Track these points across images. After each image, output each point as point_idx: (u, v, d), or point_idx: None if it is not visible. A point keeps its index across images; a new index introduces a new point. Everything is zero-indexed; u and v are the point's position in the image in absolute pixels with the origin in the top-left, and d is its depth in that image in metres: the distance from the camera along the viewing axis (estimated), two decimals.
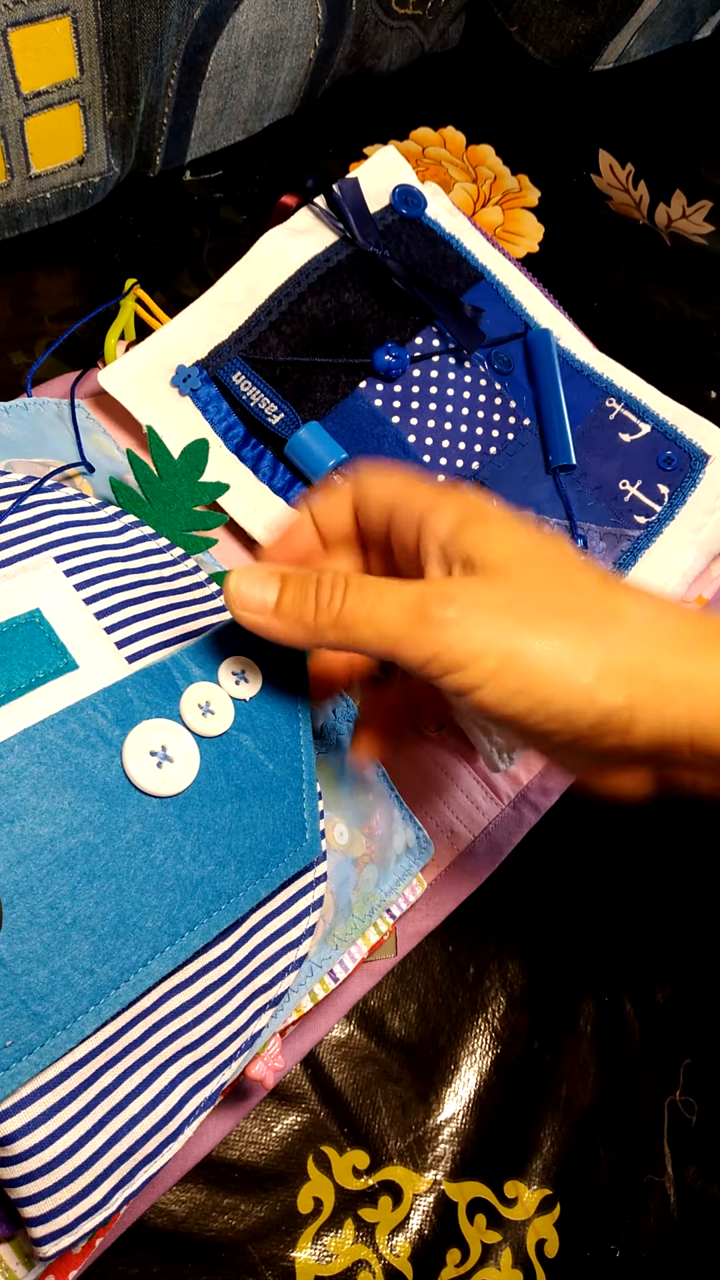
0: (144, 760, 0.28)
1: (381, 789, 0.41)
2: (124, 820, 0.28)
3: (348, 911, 0.38)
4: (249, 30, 0.51)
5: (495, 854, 0.44)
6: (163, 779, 0.29)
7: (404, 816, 0.41)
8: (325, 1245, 0.38)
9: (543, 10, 0.67)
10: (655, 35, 0.71)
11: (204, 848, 0.29)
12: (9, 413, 0.40)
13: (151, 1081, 0.29)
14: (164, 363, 0.45)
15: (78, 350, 0.49)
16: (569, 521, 0.45)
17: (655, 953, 0.46)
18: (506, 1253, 0.40)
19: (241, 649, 0.31)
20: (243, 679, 0.31)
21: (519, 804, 0.45)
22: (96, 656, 0.31)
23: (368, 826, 0.39)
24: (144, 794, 0.29)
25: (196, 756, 0.29)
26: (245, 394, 0.44)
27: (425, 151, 0.65)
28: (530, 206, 0.64)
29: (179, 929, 0.29)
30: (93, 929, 0.27)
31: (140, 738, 0.29)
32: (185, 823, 0.29)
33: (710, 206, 0.68)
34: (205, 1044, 0.30)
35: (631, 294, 0.63)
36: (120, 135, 0.50)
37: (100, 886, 0.27)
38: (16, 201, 0.48)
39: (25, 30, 0.41)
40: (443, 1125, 0.41)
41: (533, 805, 0.45)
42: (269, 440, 0.44)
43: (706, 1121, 0.44)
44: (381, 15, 0.59)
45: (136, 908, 0.28)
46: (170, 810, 0.29)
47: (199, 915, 0.29)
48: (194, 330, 0.45)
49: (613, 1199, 0.42)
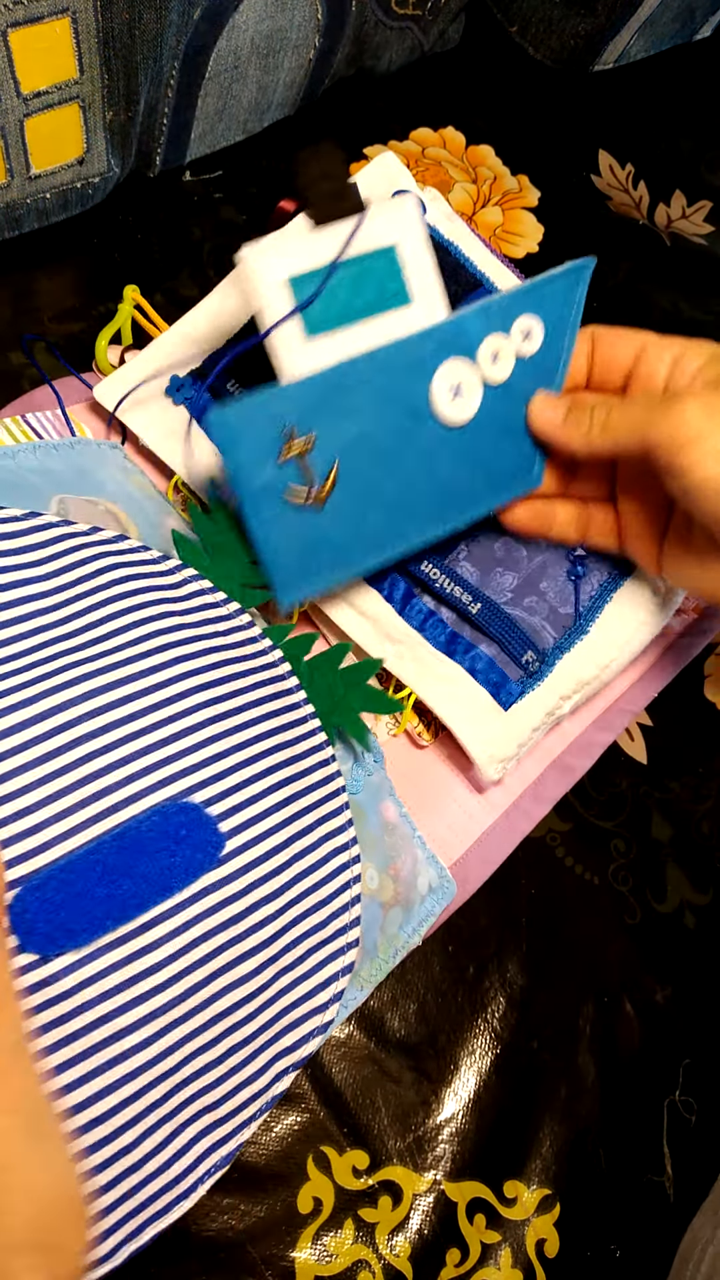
0: (444, 392, 0.37)
1: (406, 830, 0.41)
2: (420, 433, 0.37)
3: (374, 953, 0.38)
4: (249, 30, 0.51)
5: (488, 864, 0.44)
6: (454, 408, 0.37)
7: (427, 857, 0.41)
8: (325, 1245, 0.38)
9: (543, 10, 0.67)
10: (655, 35, 0.71)
11: (468, 466, 0.38)
12: (57, 450, 0.40)
13: (170, 1141, 0.29)
14: (159, 374, 0.45)
15: (77, 351, 0.50)
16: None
17: (655, 953, 0.46)
18: (506, 1252, 0.40)
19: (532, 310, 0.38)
20: (527, 338, 0.38)
21: (512, 813, 0.45)
22: (426, 296, 0.38)
23: (394, 868, 0.39)
24: (437, 418, 0.37)
25: (480, 397, 0.38)
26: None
27: (425, 152, 0.65)
28: (530, 207, 0.64)
29: (439, 519, 0.39)
30: (384, 504, 0.37)
31: (445, 372, 0.37)
32: (460, 445, 0.38)
33: (710, 207, 0.68)
34: (226, 1104, 0.31)
35: (631, 294, 0.63)
36: (120, 135, 0.50)
37: (395, 475, 0.37)
38: (16, 202, 0.48)
39: (25, 30, 0.41)
40: (442, 1125, 0.41)
41: (526, 814, 0.45)
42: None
43: (706, 1121, 0.44)
44: (381, 15, 0.59)
45: (415, 498, 0.38)
46: (452, 434, 0.38)
47: (453, 514, 0.39)
48: (188, 341, 0.45)
49: (613, 1199, 0.42)
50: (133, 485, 0.41)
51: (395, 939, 0.39)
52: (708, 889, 0.48)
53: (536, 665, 0.43)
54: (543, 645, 0.44)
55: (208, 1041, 0.30)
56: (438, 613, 0.43)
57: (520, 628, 0.43)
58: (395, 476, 0.37)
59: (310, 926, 0.33)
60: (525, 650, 0.43)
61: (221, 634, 0.36)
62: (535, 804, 0.46)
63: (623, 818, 0.48)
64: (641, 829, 0.48)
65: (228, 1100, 0.31)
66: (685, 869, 0.48)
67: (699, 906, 0.48)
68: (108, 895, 0.29)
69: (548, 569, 0.44)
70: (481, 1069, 0.42)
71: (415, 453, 0.37)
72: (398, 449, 0.37)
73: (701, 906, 0.48)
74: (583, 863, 0.47)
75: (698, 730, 0.51)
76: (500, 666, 0.43)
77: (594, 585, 0.45)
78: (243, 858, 0.32)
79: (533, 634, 0.43)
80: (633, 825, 0.48)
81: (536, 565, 0.44)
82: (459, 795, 0.44)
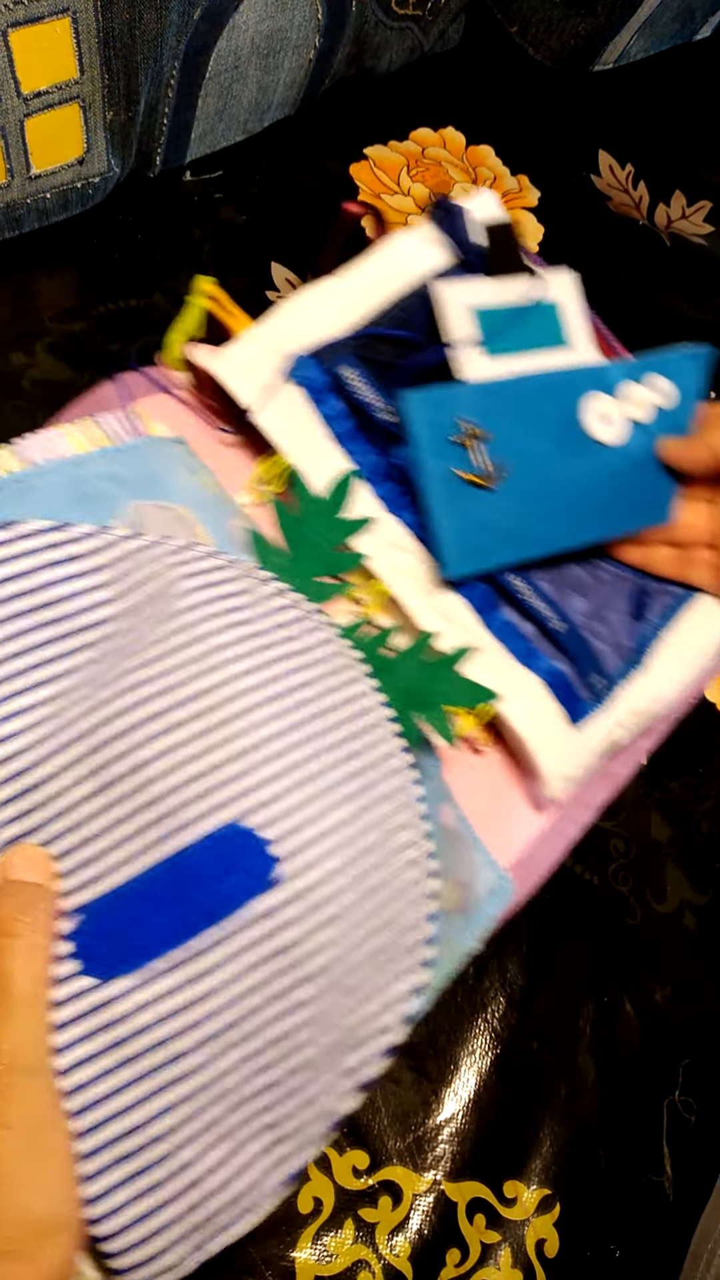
0: (596, 416, 0.44)
1: (465, 835, 0.40)
2: (576, 448, 0.43)
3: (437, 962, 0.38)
4: (249, 31, 0.51)
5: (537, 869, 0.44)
6: (603, 432, 0.43)
7: (484, 861, 0.40)
8: (325, 1245, 0.38)
9: (542, 11, 0.67)
10: (655, 35, 0.71)
11: (614, 488, 0.44)
12: (125, 454, 0.40)
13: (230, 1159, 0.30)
14: (277, 350, 0.44)
15: (78, 351, 0.50)
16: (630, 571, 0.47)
17: (655, 953, 0.46)
18: (506, 1252, 0.40)
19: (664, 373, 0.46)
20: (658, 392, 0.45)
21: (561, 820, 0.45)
22: (580, 345, 0.46)
23: (456, 874, 0.39)
24: (590, 438, 0.43)
25: (624, 429, 0.44)
26: (354, 388, 0.44)
27: (425, 152, 0.65)
28: (530, 207, 0.64)
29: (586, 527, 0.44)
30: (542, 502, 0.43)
31: (597, 402, 0.44)
32: (609, 468, 0.44)
33: (710, 207, 0.68)
34: (288, 1123, 0.31)
35: (632, 294, 0.63)
36: (120, 135, 0.50)
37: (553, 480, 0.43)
38: (16, 201, 0.48)
39: (25, 30, 0.41)
40: (442, 1125, 0.41)
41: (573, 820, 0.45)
42: (375, 440, 0.44)
43: (705, 1121, 0.44)
44: (381, 16, 0.59)
45: (568, 504, 0.43)
46: (603, 457, 0.44)
47: (598, 526, 0.44)
48: (310, 324, 0.45)
49: (613, 1199, 0.42)
50: (199, 485, 0.41)
51: (456, 946, 0.38)
52: (707, 889, 0.48)
53: (604, 689, 0.44)
54: (609, 671, 0.44)
55: (266, 1064, 0.30)
56: (518, 626, 0.44)
57: (592, 650, 0.44)
58: (553, 481, 0.43)
59: (377, 947, 0.33)
60: (593, 673, 0.44)
61: (292, 638, 0.35)
62: (583, 810, 0.46)
63: (622, 817, 0.48)
64: (641, 829, 0.48)
65: (290, 1120, 0.31)
66: (685, 869, 0.48)
67: (699, 906, 0.48)
68: (162, 921, 0.29)
69: (614, 600, 0.45)
70: (481, 1069, 0.42)
71: (570, 464, 0.44)
72: (556, 457, 0.43)
73: (701, 906, 0.48)
74: (582, 863, 0.47)
75: (698, 730, 0.51)
76: (574, 685, 0.43)
77: (653, 623, 0.45)
78: (301, 881, 0.31)
79: (601, 659, 0.44)
80: (632, 825, 0.48)
81: (605, 595, 0.45)
82: (513, 801, 0.44)
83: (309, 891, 0.31)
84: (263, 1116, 0.30)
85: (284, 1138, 0.31)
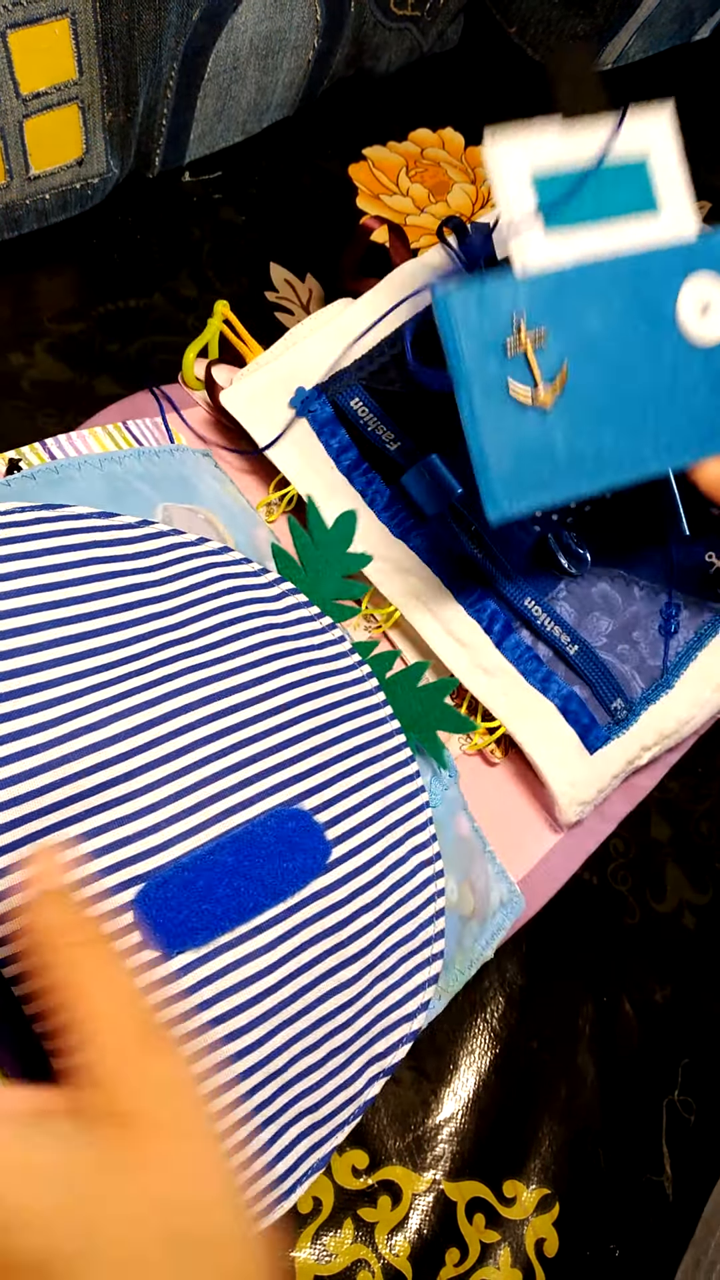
0: (692, 306, 0.35)
1: (478, 845, 0.41)
2: (663, 347, 0.35)
3: (451, 965, 0.38)
4: (248, 32, 0.51)
5: (554, 880, 0.44)
6: (702, 325, 0.35)
7: (497, 872, 0.41)
8: (324, 1245, 0.38)
9: (542, 11, 0.67)
10: (654, 36, 0.71)
11: (713, 394, 0.35)
12: (159, 457, 0.41)
13: (274, 1141, 0.30)
14: (285, 384, 0.44)
15: (78, 352, 0.50)
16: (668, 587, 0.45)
17: (655, 953, 0.46)
18: (505, 1252, 0.40)
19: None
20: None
21: (578, 831, 0.45)
22: (675, 206, 0.37)
23: (468, 881, 0.39)
24: (683, 334, 0.35)
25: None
26: (363, 420, 0.44)
27: (424, 153, 0.65)
28: None
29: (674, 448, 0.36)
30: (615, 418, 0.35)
31: (695, 286, 0.35)
32: (706, 369, 0.35)
33: (710, 207, 0.68)
34: (324, 1106, 0.31)
35: None
36: (119, 136, 0.50)
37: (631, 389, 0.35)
38: (16, 202, 0.48)
39: (24, 31, 0.41)
40: (442, 1125, 0.41)
41: (591, 832, 0.45)
42: (380, 468, 0.44)
43: (705, 1121, 0.44)
44: (380, 16, 0.59)
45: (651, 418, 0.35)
46: (697, 355, 0.35)
47: (690, 446, 0.36)
48: (316, 355, 0.45)
49: (612, 1199, 0.42)
50: (226, 494, 0.42)
51: (470, 951, 0.40)
52: (707, 889, 0.48)
53: (624, 714, 0.43)
54: (631, 695, 0.44)
55: (311, 1044, 0.31)
56: (534, 649, 0.43)
57: (612, 674, 0.43)
58: (631, 390, 0.35)
59: (402, 936, 0.34)
60: (615, 697, 0.43)
61: (316, 647, 0.37)
62: (602, 822, 0.46)
63: (622, 817, 0.48)
64: (640, 829, 0.48)
65: (326, 1103, 0.31)
66: (684, 869, 0.48)
67: (698, 906, 0.48)
68: (226, 896, 0.29)
69: (641, 619, 0.45)
70: (481, 1069, 0.42)
71: (656, 367, 0.35)
72: (636, 360, 0.34)
73: (701, 906, 0.48)
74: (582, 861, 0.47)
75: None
76: (591, 710, 0.43)
77: (682, 641, 0.45)
78: (345, 866, 0.33)
79: (623, 682, 0.44)
80: (632, 825, 0.48)
81: (631, 614, 0.45)
82: (526, 813, 0.44)
83: (354, 876, 0.33)
84: (304, 1099, 0.31)
85: (320, 1123, 0.31)
